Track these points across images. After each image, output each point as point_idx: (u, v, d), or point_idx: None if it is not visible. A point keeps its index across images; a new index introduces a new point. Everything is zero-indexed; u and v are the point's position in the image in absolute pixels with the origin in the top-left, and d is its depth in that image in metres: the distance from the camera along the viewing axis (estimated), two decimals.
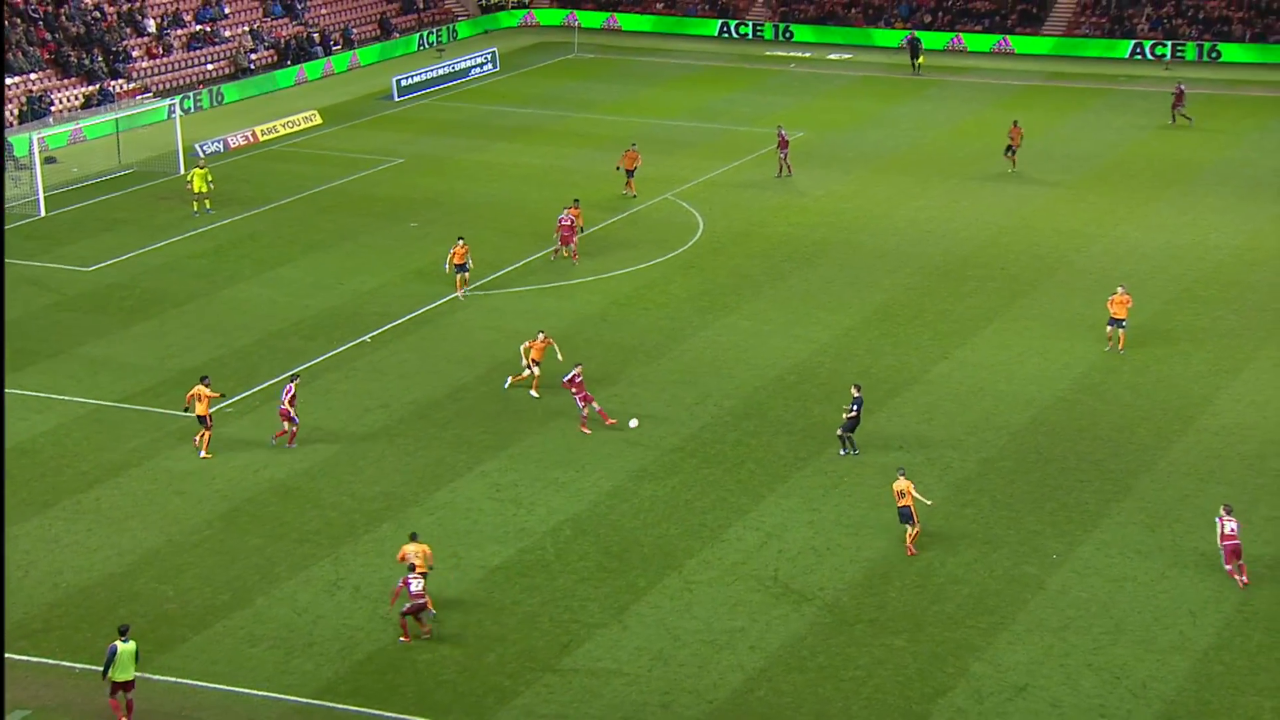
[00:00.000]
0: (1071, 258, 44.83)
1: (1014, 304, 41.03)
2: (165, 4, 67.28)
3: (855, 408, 31.89)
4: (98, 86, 60.30)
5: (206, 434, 32.36)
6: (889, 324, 39.75)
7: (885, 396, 35.10)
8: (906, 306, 40.96)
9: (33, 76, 59.20)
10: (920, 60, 68.65)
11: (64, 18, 62.58)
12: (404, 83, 65.15)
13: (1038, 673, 25.04)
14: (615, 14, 79.15)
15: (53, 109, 57.77)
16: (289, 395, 32.45)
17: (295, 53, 68.74)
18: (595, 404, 32.63)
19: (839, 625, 26.45)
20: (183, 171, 52.15)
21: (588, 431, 32.28)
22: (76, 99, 59.54)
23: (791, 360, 37.46)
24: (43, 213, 48.18)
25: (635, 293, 42.04)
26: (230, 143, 56.54)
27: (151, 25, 65.28)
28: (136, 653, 23.76)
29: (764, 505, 30.45)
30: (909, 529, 28.63)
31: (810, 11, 76.97)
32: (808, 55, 73.21)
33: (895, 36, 74.07)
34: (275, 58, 68.43)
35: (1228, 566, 27.52)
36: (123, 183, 51.70)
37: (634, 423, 31.63)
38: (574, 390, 32.84)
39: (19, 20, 61.01)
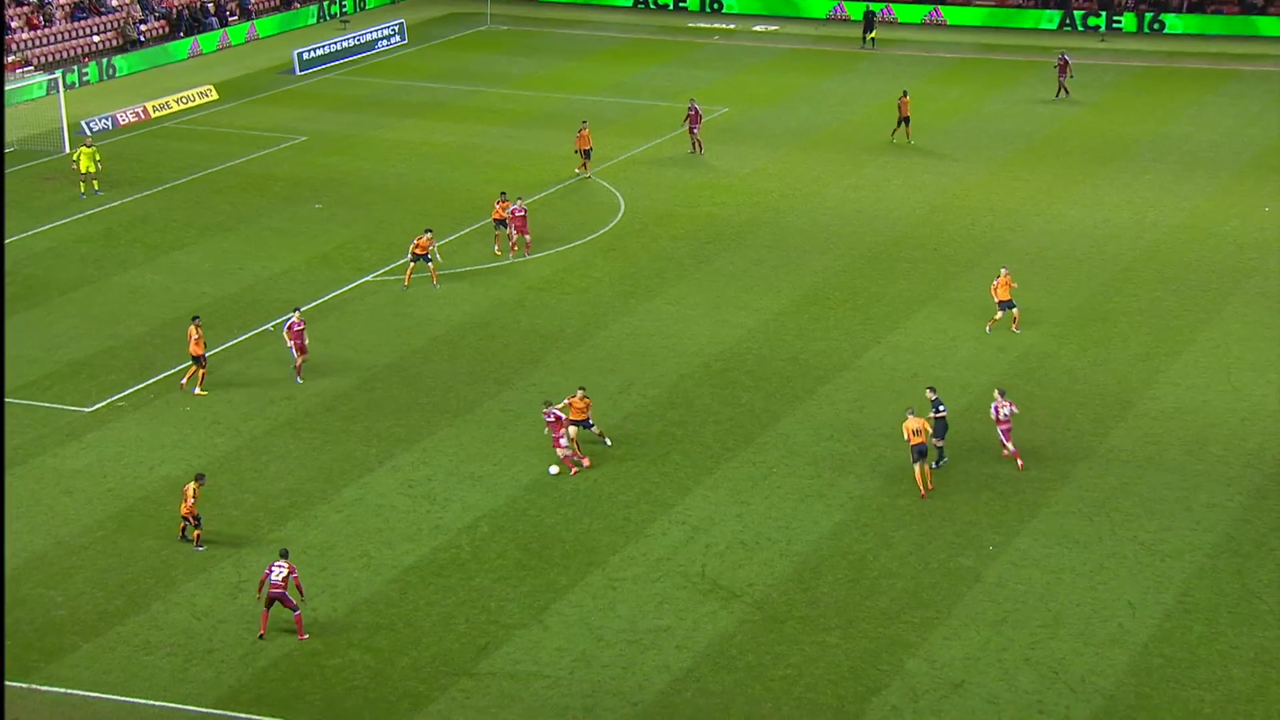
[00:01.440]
0: (1007, 238, 45.39)
1: (948, 286, 41.47)
2: None
3: (940, 408, 31.03)
4: None
5: (201, 372, 33.93)
6: (819, 308, 40.04)
7: (815, 383, 35.36)
8: (837, 289, 41.28)
9: None
10: (873, 34, 68.98)
11: None
12: (305, 56, 64.51)
13: (974, 669, 25.38)
14: None
15: None
16: (297, 328, 34.48)
17: (188, 23, 67.82)
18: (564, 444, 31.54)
19: (769, 622, 26.64)
20: (68, 150, 51.28)
21: (587, 462, 31.37)
22: None
23: (718, 346, 37.60)
24: None
25: (554, 276, 41.98)
26: (119, 119, 55.69)
27: None
28: None
29: (690, 498, 30.58)
30: (918, 467, 30.04)
31: None
32: (732, 27, 73.43)
33: (824, 7, 74.50)
34: (167, 29, 67.49)
35: (1007, 448, 31.11)
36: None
37: (553, 469, 31.22)
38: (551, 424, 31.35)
39: None
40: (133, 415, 33.61)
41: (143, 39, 65.60)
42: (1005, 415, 31.43)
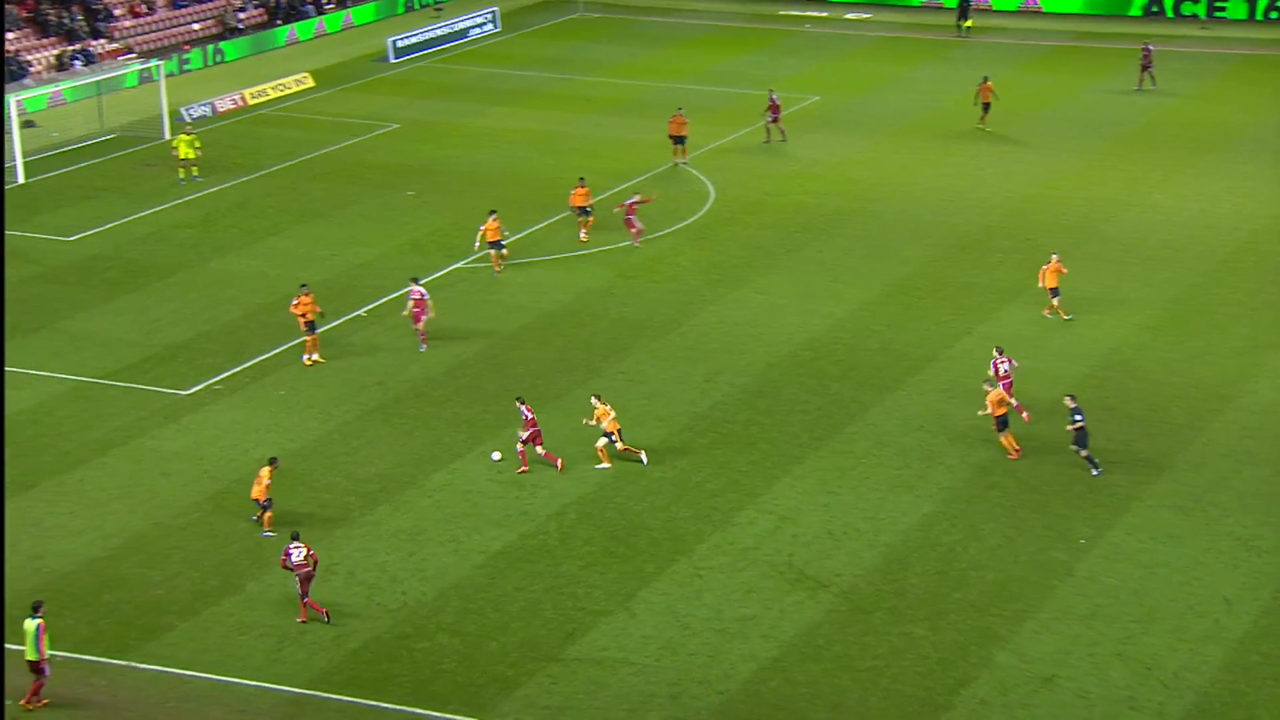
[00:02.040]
0: (1102, 227, 44.70)
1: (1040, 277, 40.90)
2: None
3: (1078, 418, 30.47)
4: (78, 46, 60.16)
5: (313, 339, 34.98)
6: (909, 297, 39.68)
7: (905, 374, 35.05)
8: (927, 279, 40.89)
9: (10, 36, 59.04)
10: (968, 23, 68.20)
11: None
12: (400, 44, 64.98)
13: (1065, 663, 25.06)
14: None
15: (31, 70, 57.63)
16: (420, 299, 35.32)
17: (286, 11, 68.54)
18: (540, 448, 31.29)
19: (856, 613, 26.47)
20: (168, 137, 52.08)
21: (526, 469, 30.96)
22: (56, 60, 59.40)
23: (806, 335, 37.40)
24: (21, 179, 48.16)
25: (644, 265, 41.98)
26: (218, 106, 56.44)
27: None
28: (37, 633, 23.53)
29: (778, 488, 30.46)
30: (1004, 436, 30.75)
31: None
32: (825, 15, 72.91)
33: None
34: (265, 16, 68.25)
35: (1013, 403, 31.61)
36: (105, 148, 51.66)
37: (496, 455, 30.95)
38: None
39: None
40: (228, 399, 34.09)
41: (241, 26, 66.42)
42: (1005, 371, 32.24)
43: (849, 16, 72.72)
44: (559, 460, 30.93)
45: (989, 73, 56.67)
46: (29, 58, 58.50)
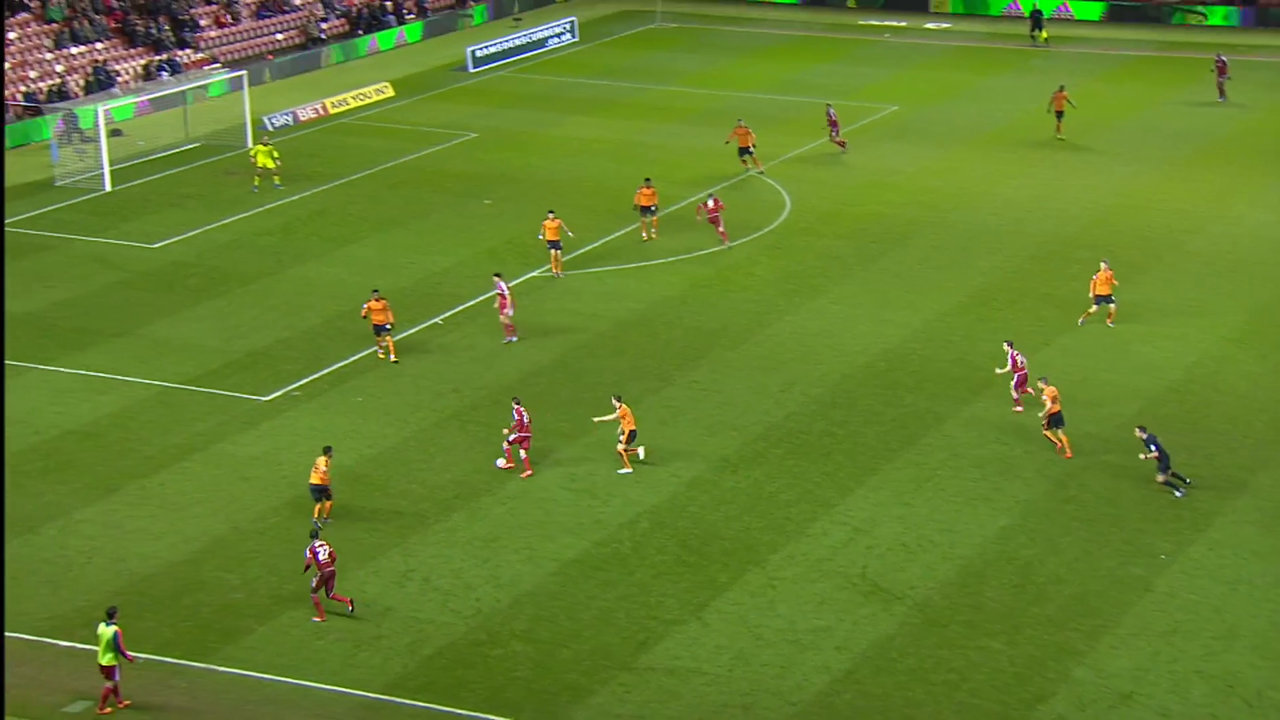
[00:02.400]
0: (1183, 240, 44.06)
1: (1121, 289, 40.40)
2: None
3: (1153, 448, 29.86)
4: (165, 56, 61.07)
5: (389, 340, 35.65)
6: (986, 308, 39.31)
7: (981, 385, 34.72)
8: (1005, 290, 40.48)
9: (99, 46, 60.03)
10: (1044, 35, 67.60)
11: None
12: (479, 53, 65.38)
13: (1144, 679, 24.68)
14: None
15: (118, 80, 58.61)
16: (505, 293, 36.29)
17: (368, 22, 69.20)
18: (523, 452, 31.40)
19: (931, 626, 26.23)
20: (250, 145, 52.74)
21: (510, 464, 31.27)
22: (143, 69, 60.31)
23: (882, 346, 37.16)
24: (108, 187, 48.93)
25: (718, 275, 41.92)
26: (299, 116, 57.06)
27: None
28: (116, 639, 23.82)
29: (852, 499, 30.27)
30: (1056, 433, 31.02)
31: None
32: (903, 25, 72.51)
33: (1000, 3, 73.14)
34: (347, 27, 68.96)
35: (1023, 392, 32.49)
36: (190, 156, 52.35)
37: (500, 462, 31.20)
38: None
39: None
40: (306, 405, 34.41)
41: (324, 36, 67.14)
42: (1021, 362, 32.82)
43: (928, 26, 72.24)
44: (530, 470, 30.83)
45: (1069, 82, 56.06)
46: (117, 68, 59.45)
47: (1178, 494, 29.99)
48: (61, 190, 48.79)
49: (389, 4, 70.62)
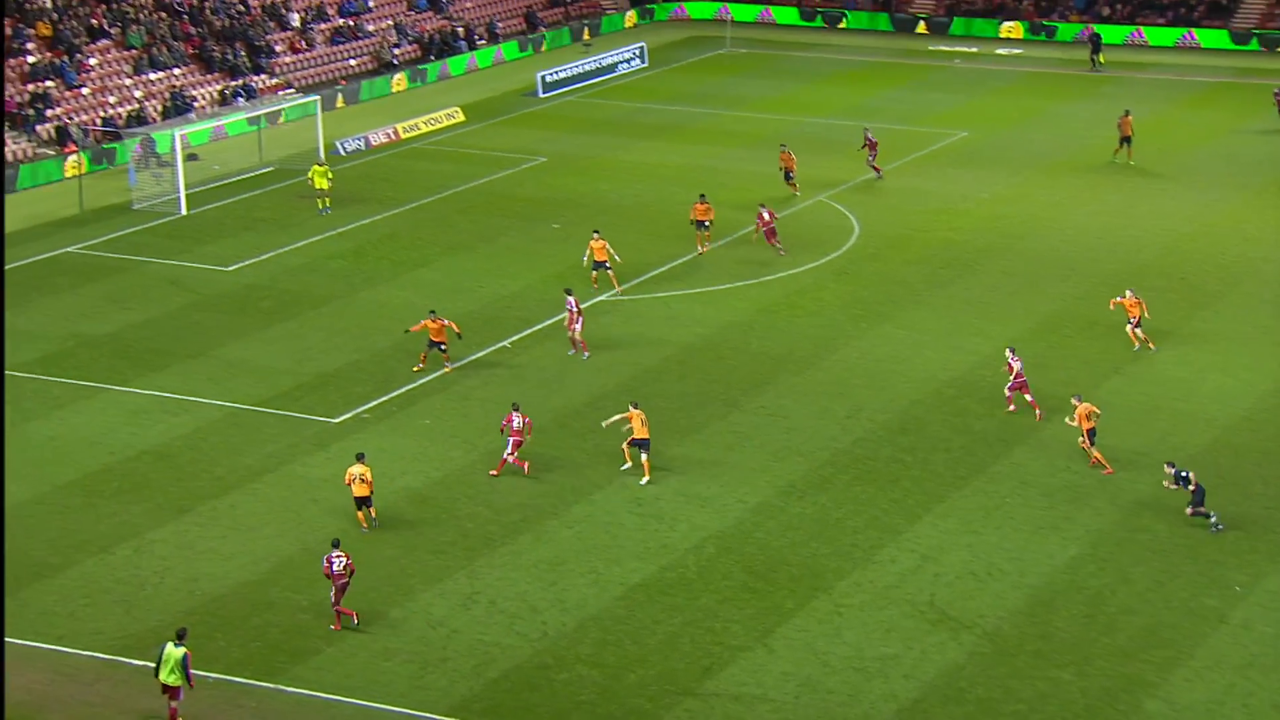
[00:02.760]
0: (1260, 267, 43.42)
1: (1194, 317, 39.88)
2: None
3: (1180, 483, 29.76)
4: (240, 82, 61.93)
5: (443, 355, 36.76)
6: (1056, 335, 38.93)
7: (1051, 413, 34.36)
8: (1076, 318, 40.07)
9: (176, 72, 61.02)
10: (1100, 57, 67.15)
11: (208, 11, 64.46)
12: (549, 79, 65.74)
13: (1218, 713, 24.24)
14: (770, 7, 78.94)
15: (195, 105, 59.48)
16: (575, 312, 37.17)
17: (439, 47, 69.84)
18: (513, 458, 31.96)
19: (1000, 655, 25.92)
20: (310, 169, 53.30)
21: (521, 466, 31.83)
22: (219, 95, 61.16)
23: (951, 373, 36.89)
24: (184, 211, 49.60)
25: (785, 299, 41.81)
26: (371, 140, 57.61)
27: (295, 19, 66.86)
28: (185, 660, 24.00)
29: (920, 526, 30.02)
30: (1095, 450, 31.30)
31: (979, 3, 75.87)
32: (974, 50, 72.16)
33: (1071, 30, 72.63)
34: (419, 52, 69.62)
35: (1028, 397, 33.68)
36: (264, 180, 52.97)
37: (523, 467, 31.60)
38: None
39: (164, 15, 62.97)
40: (375, 427, 34.64)
41: (396, 62, 67.82)
42: (1019, 370, 33.82)
43: (999, 52, 71.82)
44: (523, 466, 31.63)
45: (1140, 108, 55.46)
46: (193, 93, 60.36)
47: (1218, 527, 29.29)
48: (138, 214, 49.54)
49: (460, 30, 71.24)
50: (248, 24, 64.86)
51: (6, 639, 24.70)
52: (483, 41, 72.08)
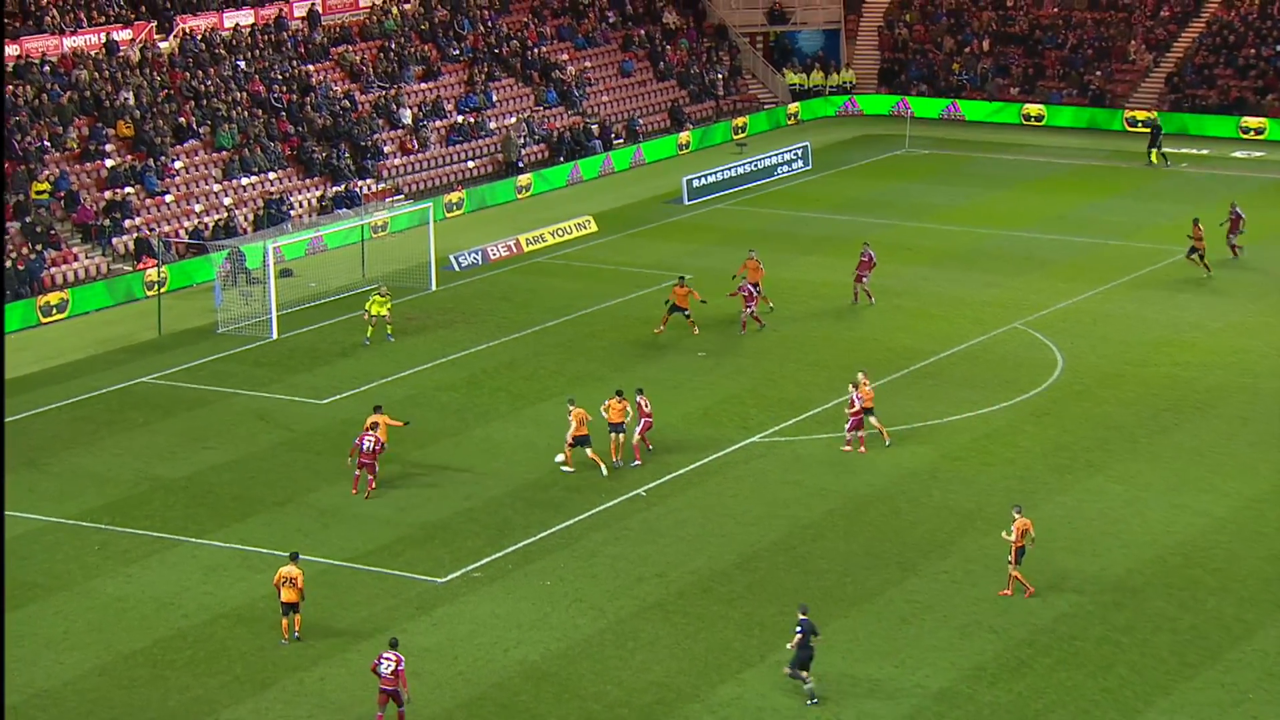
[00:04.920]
0: None
1: None
2: (424, 90, 70.88)
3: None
4: (343, 187, 63.68)
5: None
6: None
7: None
8: None
9: (271, 176, 62.91)
10: (1164, 151, 66.68)
11: (309, 108, 66.45)
12: (696, 183, 66.70)
13: None
14: (957, 100, 79.48)
15: (291, 214, 61.12)
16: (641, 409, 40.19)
17: (570, 147, 71.33)
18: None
19: None
20: (434, 287, 54.48)
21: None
22: (318, 202, 62.86)
23: (1176, 537, 36.21)
24: (274, 335, 50.87)
25: (974, 444, 41.51)
26: (490, 253, 58.77)
27: (407, 116, 68.75)
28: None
29: None
30: (1018, 570, 33.00)
31: (1212, 98, 75.56)
32: (1205, 153, 71.68)
33: None
34: (547, 153, 71.18)
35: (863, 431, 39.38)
36: (366, 300, 54.00)
37: (560, 457, 32.46)
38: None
39: (260, 111, 65.17)
40: (488, 588, 34.90)
41: (521, 164, 69.34)
42: (860, 402, 39.50)
43: (1237, 155, 71.26)
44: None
45: None
46: (290, 200, 62.04)
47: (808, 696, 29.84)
48: (224, 338, 50.91)
49: (595, 127, 72.68)
50: (353, 121, 66.86)
51: None
52: (620, 140, 73.52)
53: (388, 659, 29.07)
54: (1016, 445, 41.49)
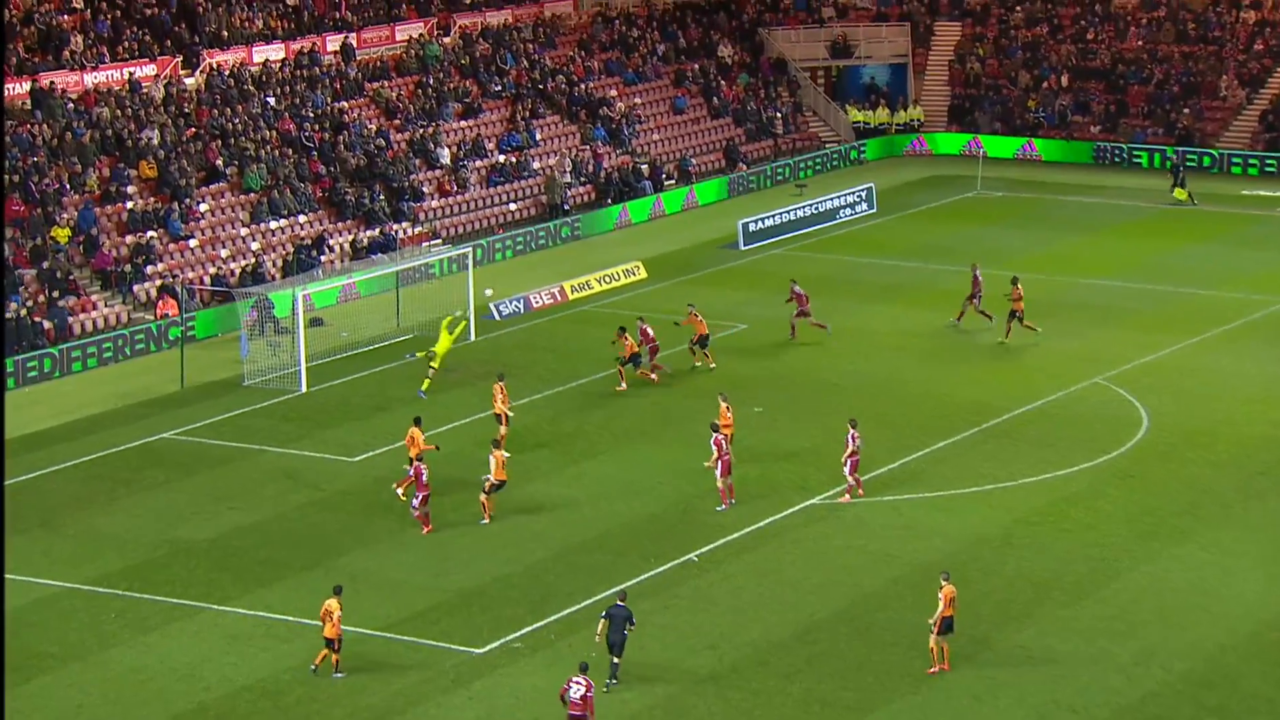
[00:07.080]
0: None
1: None
2: (464, 128, 71.28)
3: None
4: (377, 231, 64.03)
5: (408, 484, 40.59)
6: None
7: None
8: None
9: (301, 219, 63.25)
10: (1180, 194, 66.40)
11: (342, 147, 66.90)
12: (753, 227, 66.80)
13: None
14: (1033, 139, 79.37)
15: (322, 260, 61.43)
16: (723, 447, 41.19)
17: (618, 189, 71.57)
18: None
19: None
20: (473, 338, 54.60)
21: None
22: (351, 247, 63.15)
23: (1273, 611, 35.97)
24: (304, 388, 51.08)
25: (1051, 508, 41.29)
26: (533, 301, 58.95)
27: (446, 155, 69.14)
28: None
29: None
30: (941, 641, 33.26)
31: None
32: None
33: None
34: (594, 194, 71.45)
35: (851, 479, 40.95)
36: (401, 350, 54.31)
37: (488, 292, 32.65)
38: None
39: (290, 150, 65.65)
40: (529, 660, 34.84)
41: (567, 207, 69.61)
42: (854, 448, 40.37)
43: None
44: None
45: None
46: (323, 244, 62.22)
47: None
48: (250, 391, 51.14)
49: (645, 167, 72.92)
50: (388, 161, 67.27)
51: None
52: (672, 182, 73.72)
53: (577, 684, 29.98)
54: (1097, 510, 41.22)
